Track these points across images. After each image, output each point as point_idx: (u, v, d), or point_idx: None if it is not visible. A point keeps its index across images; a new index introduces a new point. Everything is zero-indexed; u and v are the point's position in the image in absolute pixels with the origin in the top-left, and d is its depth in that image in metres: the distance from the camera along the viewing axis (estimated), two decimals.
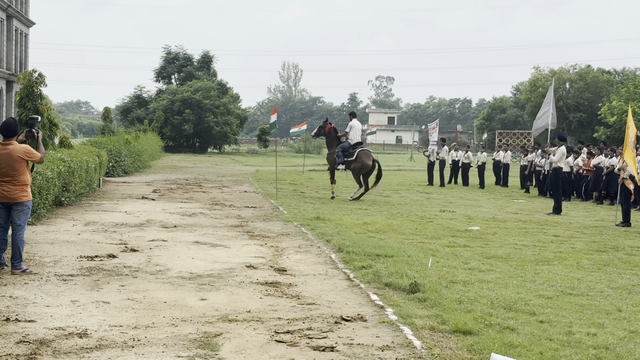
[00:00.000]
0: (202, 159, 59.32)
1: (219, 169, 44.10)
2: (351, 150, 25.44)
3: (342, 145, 25.67)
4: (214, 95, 73.76)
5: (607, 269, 12.26)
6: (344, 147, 25.58)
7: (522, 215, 21.49)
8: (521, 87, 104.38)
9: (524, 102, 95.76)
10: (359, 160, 25.23)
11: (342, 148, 25.58)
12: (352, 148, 25.49)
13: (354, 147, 25.50)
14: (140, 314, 8.40)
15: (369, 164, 25.20)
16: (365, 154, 25.49)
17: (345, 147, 25.59)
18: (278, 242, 14.21)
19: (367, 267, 11.39)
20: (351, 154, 25.36)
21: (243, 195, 25.20)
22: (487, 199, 27.72)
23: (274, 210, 20.09)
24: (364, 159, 25.25)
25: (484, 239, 15.68)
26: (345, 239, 14.16)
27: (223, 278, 10.54)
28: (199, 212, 19.02)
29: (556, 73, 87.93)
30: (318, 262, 12.06)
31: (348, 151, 25.47)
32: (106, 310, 8.53)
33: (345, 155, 25.43)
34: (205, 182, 31.32)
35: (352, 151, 25.39)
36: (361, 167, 25.22)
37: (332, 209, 20.93)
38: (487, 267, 11.93)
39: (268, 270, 11.29)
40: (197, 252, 12.79)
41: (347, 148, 25.55)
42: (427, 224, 18.04)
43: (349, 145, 25.59)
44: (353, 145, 25.54)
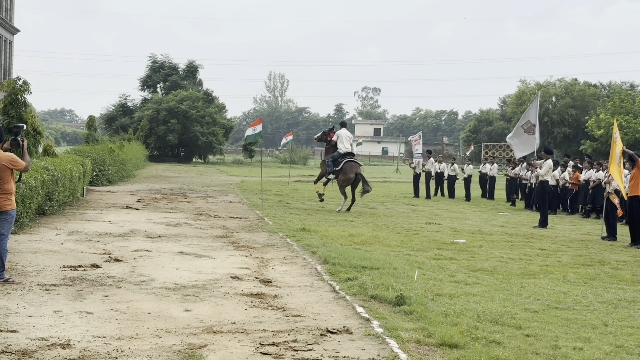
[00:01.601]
0: (187, 168, 59.20)
1: (204, 179, 44.01)
2: (339, 160, 25.52)
3: (333, 155, 25.82)
4: (200, 105, 73.67)
5: (593, 283, 12.29)
6: (334, 157, 25.70)
7: (509, 228, 21.54)
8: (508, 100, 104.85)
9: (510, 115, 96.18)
10: (343, 172, 25.36)
11: (332, 158, 25.71)
12: (340, 158, 25.58)
13: (342, 157, 25.58)
14: (124, 325, 8.36)
15: (351, 177, 25.29)
16: (349, 166, 25.51)
17: (335, 156, 25.71)
18: (263, 253, 14.19)
19: (352, 279, 11.38)
20: (338, 164, 25.42)
21: (228, 205, 25.16)
22: (473, 212, 27.78)
23: (259, 221, 20.06)
24: (347, 172, 25.34)
25: (470, 251, 15.69)
26: (331, 250, 14.15)
27: (208, 289, 10.51)
28: (183, 222, 18.97)
29: (542, 86, 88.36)
30: (303, 274, 12.05)
31: (337, 161, 25.56)
32: (89, 321, 8.48)
33: (335, 164, 25.56)
34: (190, 192, 31.25)
35: (340, 161, 25.46)
36: (344, 180, 25.33)
37: (317, 220, 20.92)
38: (473, 280, 11.94)
39: (253, 281, 11.26)
40: (182, 262, 12.75)
41: (336, 158, 25.67)
42: (413, 236, 18.06)
43: (338, 155, 25.70)
44: (342, 155, 25.62)
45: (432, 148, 63.44)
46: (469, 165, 37.16)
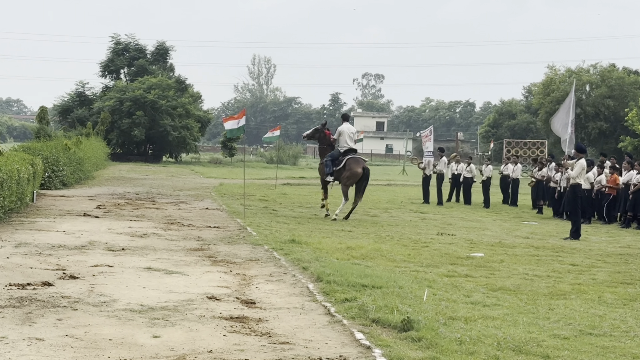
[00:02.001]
0: (155, 169, 59.16)
1: (175, 181, 43.98)
2: (341, 157, 25.56)
3: (332, 153, 25.91)
4: (171, 94, 73.63)
5: (635, 305, 12.31)
6: (334, 156, 25.75)
7: (534, 240, 21.56)
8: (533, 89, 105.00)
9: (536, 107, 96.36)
10: (348, 167, 25.32)
11: (331, 157, 25.77)
12: (342, 156, 25.62)
13: (344, 155, 25.63)
14: (81, 354, 8.34)
15: (358, 172, 25.27)
16: (355, 160, 25.61)
17: (335, 155, 25.76)
18: (245, 269, 14.18)
19: (351, 299, 11.37)
20: (340, 162, 25.47)
21: (204, 212, 25.15)
22: (492, 220, 27.82)
23: (241, 231, 20.06)
24: (353, 166, 25.33)
25: (489, 267, 15.71)
26: (325, 266, 14.15)
27: (180, 311, 10.50)
28: (151, 233, 18.96)
29: (574, 73, 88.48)
30: (293, 294, 12.04)
31: (338, 159, 25.60)
32: (40, 349, 8.46)
33: (335, 164, 25.57)
34: (159, 196, 31.23)
35: (342, 159, 25.50)
36: (350, 176, 25.32)
37: (309, 230, 20.92)
38: (492, 301, 11.95)
39: (233, 302, 11.25)
40: (149, 280, 12.73)
41: (336, 156, 25.71)
42: (422, 249, 18.07)
43: (338, 153, 25.74)
44: (343, 153, 25.66)
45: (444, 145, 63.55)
46: (488, 166, 37.23)
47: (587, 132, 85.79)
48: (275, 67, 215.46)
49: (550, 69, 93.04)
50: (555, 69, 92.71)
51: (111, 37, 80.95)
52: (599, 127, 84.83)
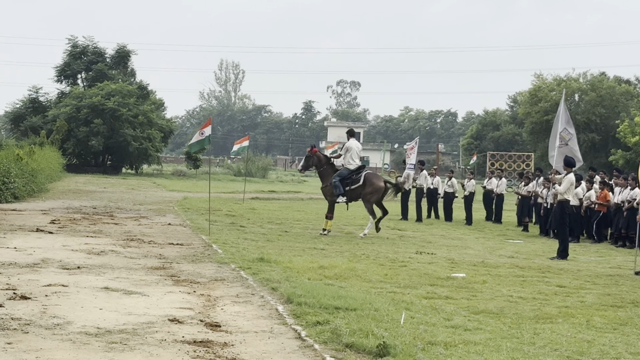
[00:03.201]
0: (114, 181, 58.96)
1: (136, 194, 43.84)
2: (354, 176, 26.12)
3: (340, 172, 26.32)
4: (132, 101, 73.39)
5: (625, 329, 12.37)
6: (342, 175, 26.20)
7: (519, 260, 21.64)
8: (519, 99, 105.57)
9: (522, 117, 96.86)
10: (369, 183, 26.11)
11: (339, 176, 26.17)
12: (355, 174, 26.19)
13: (357, 173, 26.23)
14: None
15: (381, 186, 26.25)
16: (374, 175, 26.69)
17: (344, 174, 26.23)
18: (210, 290, 14.15)
19: (323, 322, 11.37)
20: (356, 179, 26.07)
21: (166, 228, 25.09)
22: (475, 239, 27.90)
23: (206, 249, 20.02)
24: (375, 181, 26.26)
25: (471, 289, 15.75)
26: (296, 286, 14.14)
27: (139, 335, 10.46)
28: (109, 250, 18.88)
29: (563, 81, 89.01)
30: (261, 316, 12.03)
31: (350, 178, 26.14)
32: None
33: (346, 184, 26.07)
34: (118, 211, 31.12)
35: (357, 177, 26.09)
36: (373, 192, 26.09)
37: (279, 248, 20.91)
38: (474, 324, 11.97)
39: (197, 325, 11.23)
40: (107, 300, 12.68)
41: (346, 175, 26.19)
42: (400, 269, 18.09)
43: (348, 172, 26.23)
44: (355, 170, 26.27)
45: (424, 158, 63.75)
46: (471, 180, 37.35)
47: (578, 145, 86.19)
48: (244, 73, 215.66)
49: (537, 77, 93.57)
50: (542, 77, 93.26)
51: (68, 40, 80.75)
52: (590, 138, 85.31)
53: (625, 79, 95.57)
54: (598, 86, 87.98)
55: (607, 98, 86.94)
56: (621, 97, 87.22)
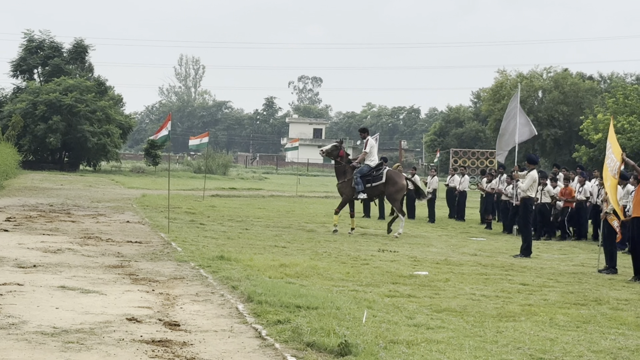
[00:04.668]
0: (72, 178, 58.64)
1: (94, 191, 43.62)
2: (375, 173, 26.56)
3: (361, 169, 26.64)
4: (90, 97, 72.98)
5: (588, 327, 12.44)
6: (363, 172, 26.57)
7: (482, 258, 21.74)
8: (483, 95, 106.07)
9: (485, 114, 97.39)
10: (392, 182, 26.63)
11: (360, 173, 26.55)
12: (375, 171, 26.63)
13: (377, 170, 26.67)
14: None
15: (404, 184, 26.85)
16: (396, 173, 27.16)
17: (365, 171, 26.59)
18: (169, 289, 14.11)
19: (284, 321, 11.36)
20: (377, 177, 26.51)
21: (125, 226, 24.99)
22: (438, 236, 27.99)
23: (165, 247, 19.96)
24: (398, 179, 26.81)
25: (434, 287, 15.79)
26: (256, 285, 14.12)
27: (97, 334, 10.41)
28: (66, 248, 18.78)
29: (525, 78, 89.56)
30: (221, 315, 12.00)
31: (371, 175, 26.56)
32: None
33: (367, 180, 26.49)
34: (75, 208, 30.96)
35: (378, 174, 26.55)
36: (398, 190, 26.64)
37: (240, 246, 20.88)
38: (437, 323, 12.01)
39: (156, 324, 11.19)
40: (63, 300, 12.60)
41: (366, 172, 26.57)
42: (362, 267, 18.12)
43: (368, 169, 26.61)
44: (374, 168, 26.70)
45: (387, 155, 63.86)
46: (434, 177, 37.50)
47: (542, 141, 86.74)
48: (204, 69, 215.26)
49: (500, 73, 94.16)
50: (505, 73, 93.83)
51: (23, 34, 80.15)
52: (553, 134, 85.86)
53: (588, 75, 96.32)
54: (561, 83, 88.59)
55: (571, 95, 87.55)
56: (586, 93, 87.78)
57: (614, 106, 67.20)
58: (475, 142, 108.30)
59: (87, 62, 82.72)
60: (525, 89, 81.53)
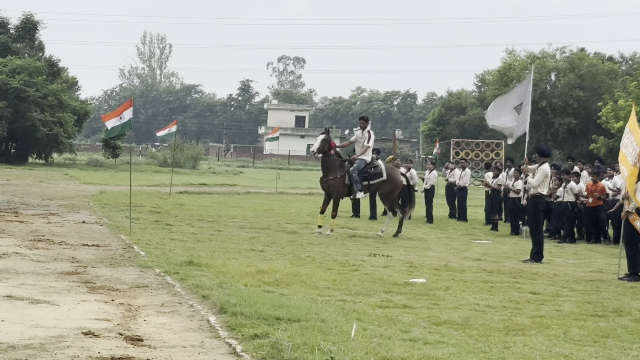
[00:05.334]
0: (19, 172, 58.58)
1: (45, 187, 43.58)
2: (372, 169, 26.40)
3: (358, 165, 26.40)
4: (41, 80, 72.75)
5: (607, 342, 12.46)
6: (360, 168, 26.33)
7: (488, 263, 21.78)
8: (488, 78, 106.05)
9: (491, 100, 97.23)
10: (391, 179, 26.63)
11: (358, 169, 26.31)
12: (372, 167, 26.48)
13: (374, 166, 26.58)
14: None
15: (402, 182, 26.87)
16: (394, 170, 27.23)
17: (362, 167, 26.39)
18: (131, 298, 14.10)
19: (261, 335, 11.37)
20: (375, 174, 26.38)
21: (80, 227, 24.97)
22: (437, 239, 28.03)
23: (126, 251, 19.95)
24: (397, 177, 26.86)
25: (433, 296, 15.81)
26: (230, 294, 14.12)
27: (48, 351, 10.40)
28: (13, 252, 18.75)
29: (537, 58, 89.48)
30: (190, 328, 12.01)
31: (367, 171, 26.41)
32: None
33: (364, 178, 26.40)
34: (23, 207, 30.93)
35: (376, 170, 26.43)
36: (394, 189, 26.70)
37: (211, 250, 20.88)
38: (436, 337, 12.02)
39: (116, 339, 11.18)
40: (10, 311, 12.59)
41: (364, 169, 26.38)
42: (351, 274, 18.13)
43: (365, 165, 26.42)
44: (371, 163, 26.61)
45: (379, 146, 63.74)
46: (432, 172, 37.45)
47: (554, 131, 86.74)
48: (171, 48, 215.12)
49: (508, 54, 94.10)
50: (514, 53, 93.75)
51: None
52: (567, 123, 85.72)
53: (607, 55, 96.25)
54: (577, 64, 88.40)
55: (587, 78, 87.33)
56: (605, 76, 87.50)
57: (637, 90, 67.02)
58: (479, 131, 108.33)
59: (37, 40, 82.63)
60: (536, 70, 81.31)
